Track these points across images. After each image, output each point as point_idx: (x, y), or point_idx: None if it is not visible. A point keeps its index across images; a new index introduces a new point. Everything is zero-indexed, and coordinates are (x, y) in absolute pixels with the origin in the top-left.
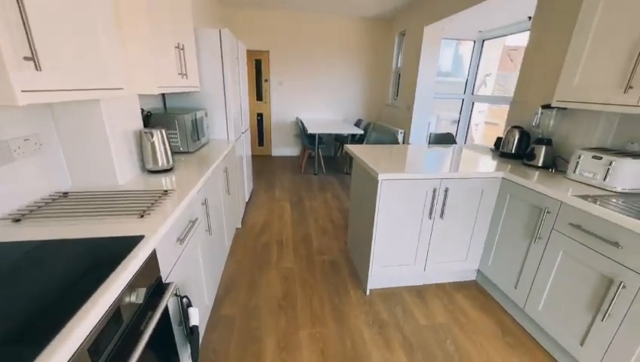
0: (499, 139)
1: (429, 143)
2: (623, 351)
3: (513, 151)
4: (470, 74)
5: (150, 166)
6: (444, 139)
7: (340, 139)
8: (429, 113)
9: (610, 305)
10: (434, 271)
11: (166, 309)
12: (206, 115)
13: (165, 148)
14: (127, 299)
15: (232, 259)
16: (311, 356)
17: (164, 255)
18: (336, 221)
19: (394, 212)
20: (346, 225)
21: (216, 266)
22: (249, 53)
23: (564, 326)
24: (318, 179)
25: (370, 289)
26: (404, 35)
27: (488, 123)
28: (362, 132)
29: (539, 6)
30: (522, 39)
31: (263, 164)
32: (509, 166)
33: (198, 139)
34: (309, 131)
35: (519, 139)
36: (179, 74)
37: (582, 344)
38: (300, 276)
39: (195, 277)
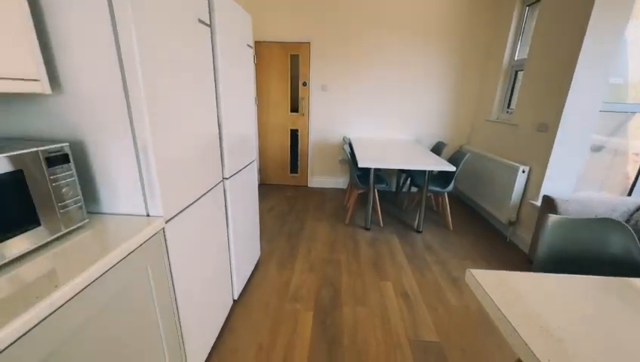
0: None
1: None
2: None
3: None
4: None
5: None
6: None
7: (408, 172)
8: (588, 137)
9: None
10: None
11: None
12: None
13: None
14: None
15: None
16: None
17: None
18: None
19: None
20: None
21: None
22: (282, 46)
23: None
24: (372, 239)
25: None
26: (535, 2)
27: None
28: (454, 168)
29: None
30: None
31: (294, 199)
32: None
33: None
34: (361, 164)
35: None
36: None
37: None
38: None
39: None
